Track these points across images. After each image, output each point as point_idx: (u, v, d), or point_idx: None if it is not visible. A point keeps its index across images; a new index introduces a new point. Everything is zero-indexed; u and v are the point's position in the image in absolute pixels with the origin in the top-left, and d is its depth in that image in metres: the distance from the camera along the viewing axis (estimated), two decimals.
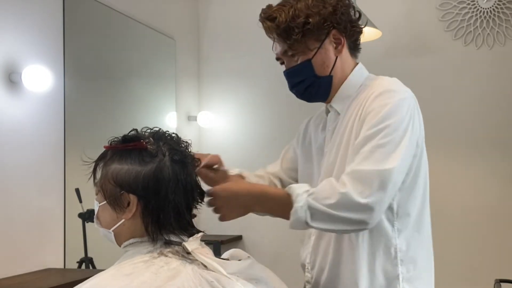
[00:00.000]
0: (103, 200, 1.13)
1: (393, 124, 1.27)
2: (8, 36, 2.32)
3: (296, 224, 1.24)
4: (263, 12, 1.41)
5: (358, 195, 1.20)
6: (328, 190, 1.23)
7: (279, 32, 1.37)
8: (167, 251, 1.09)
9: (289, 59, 1.41)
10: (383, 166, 1.23)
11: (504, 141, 3.30)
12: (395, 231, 1.33)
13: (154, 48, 3.49)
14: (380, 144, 1.25)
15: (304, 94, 1.44)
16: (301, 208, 1.22)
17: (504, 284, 2.69)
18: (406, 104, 1.31)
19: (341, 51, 1.40)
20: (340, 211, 1.21)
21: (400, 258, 1.33)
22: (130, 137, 1.14)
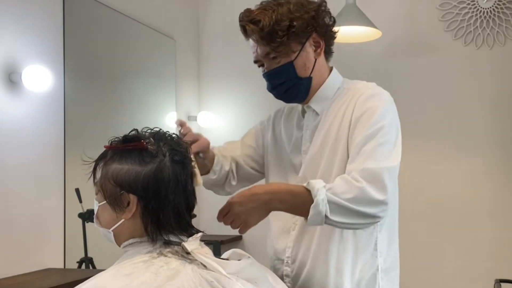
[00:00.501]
0: (103, 200, 1.13)
1: (388, 124, 1.37)
2: (8, 36, 2.32)
3: (315, 218, 1.27)
4: (244, 16, 1.44)
5: (375, 191, 1.27)
6: (345, 186, 1.28)
7: (263, 35, 1.40)
8: (166, 251, 1.09)
9: (270, 61, 1.45)
10: (389, 163, 1.32)
11: (504, 141, 3.30)
12: (378, 225, 1.41)
13: (154, 48, 3.49)
14: (381, 142, 1.34)
15: (284, 95, 1.49)
16: (322, 202, 1.25)
17: (504, 284, 2.69)
18: (393, 106, 1.44)
19: (320, 54, 1.47)
20: (358, 205, 1.27)
21: (379, 250, 1.42)
22: (130, 137, 1.14)
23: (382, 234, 1.43)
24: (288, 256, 1.47)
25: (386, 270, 1.43)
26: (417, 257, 3.32)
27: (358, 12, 2.98)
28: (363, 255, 1.41)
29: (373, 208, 1.28)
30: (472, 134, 3.36)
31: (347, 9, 2.99)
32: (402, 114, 1.50)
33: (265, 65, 1.47)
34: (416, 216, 3.36)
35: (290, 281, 1.46)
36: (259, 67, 1.51)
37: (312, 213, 1.26)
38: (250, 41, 1.46)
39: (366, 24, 2.96)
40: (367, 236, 1.41)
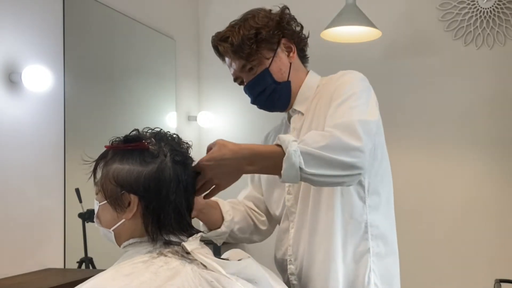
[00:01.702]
0: (103, 200, 1.13)
1: (359, 91, 1.37)
2: (8, 36, 2.32)
3: (289, 172, 1.21)
4: (214, 37, 1.52)
5: (348, 138, 1.24)
6: (317, 136, 1.26)
7: (234, 49, 1.46)
8: (166, 251, 1.09)
9: (247, 74, 1.50)
10: (363, 117, 1.30)
11: (504, 141, 3.30)
12: (366, 207, 1.41)
13: (154, 48, 3.49)
14: (353, 106, 1.33)
15: (266, 102, 1.53)
16: (295, 153, 1.21)
17: (504, 284, 2.69)
18: (364, 80, 1.43)
19: (293, 58, 1.51)
20: (333, 152, 1.22)
21: (370, 233, 1.41)
22: (132, 137, 1.14)
23: (374, 216, 1.42)
24: (290, 254, 1.48)
25: (379, 254, 1.42)
26: (417, 257, 3.32)
27: (358, 12, 2.98)
28: (353, 238, 1.40)
29: (348, 155, 1.23)
30: (472, 134, 3.36)
31: (347, 9, 2.99)
32: (401, 114, 1.51)
33: (244, 79, 1.53)
34: (416, 216, 3.36)
35: (296, 278, 1.47)
36: (240, 85, 1.57)
37: (285, 167, 1.21)
38: (227, 61, 1.53)
39: (366, 24, 2.96)
40: (357, 218, 1.40)
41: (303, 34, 1.55)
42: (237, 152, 1.26)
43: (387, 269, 1.44)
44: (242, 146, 1.27)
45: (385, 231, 1.44)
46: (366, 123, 1.29)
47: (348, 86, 1.39)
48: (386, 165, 1.48)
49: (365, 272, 1.39)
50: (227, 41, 1.48)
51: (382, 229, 1.43)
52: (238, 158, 1.25)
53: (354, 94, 1.36)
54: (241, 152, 1.26)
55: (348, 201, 1.40)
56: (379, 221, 1.43)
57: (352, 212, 1.40)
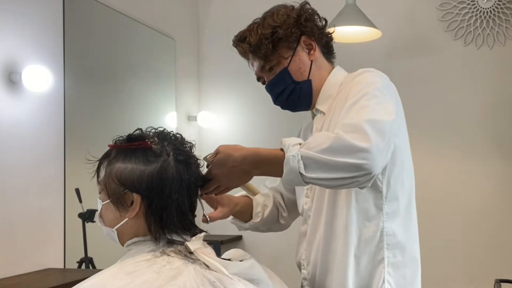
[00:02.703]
0: (106, 199, 1.13)
1: (373, 90, 1.28)
2: (8, 36, 2.32)
3: (290, 176, 1.19)
4: (234, 38, 1.52)
5: (354, 138, 1.16)
6: (321, 138, 1.20)
7: (252, 49, 1.45)
8: (169, 251, 1.09)
9: (268, 74, 1.47)
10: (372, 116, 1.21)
11: (504, 140, 3.30)
12: (383, 215, 1.34)
13: (154, 48, 3.49)
14: (364, 105, 1.25)
15: (287, 102, 1.49)
16: (294, 158, 1.18)
17: (504, 284, 2.69)
18: (381, 76, 1.35)
19: (314, 56, 1.46)
20: (335, 155, 1.16)
21: (386, 242, 1.34)
22: (135, 136, 1.14)
23: (391, 224, 1.34)
24: (303, 259, 1.46)
25: (395, 265, 1.35)
26: None
27: (358, 12, 2.98)
28: (368, 247, 1.34)
29: (353, 156, 1.15)
30: (472, 134, 3.36)
31: (347, 9, 2.99)
32: None
33: (265, 79, 1.50)
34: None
35: (308, 283, 1.44)
36: (263, 84, 1.53)
37: (285, 172, 1.19)
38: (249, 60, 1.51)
39: (366, 24, 2.96)
40: (373, 227, 1.34)
41: (326, 30, 1.49)
42: (245, 157, 1.27)
43: (405, 279, 1.37)
44: (249, 151, 1.27)
45: (403, 240, 1.36)
46: (376, 122, 1.20)
47: (362, 85, 1.32)
48: (408, 169, 1.40)
49: (379, 283, 1.34)
50: (245, 41, 1.47)
51: (399, 237, 1.35)
52: (246, 163, 1.26)
53: (367, 93, 1.28)
54: (248, 157, 1.27)
55: (363, 207, 1.34)
56: (397, 230, 1.35)
57: (367, 219, 1.34)
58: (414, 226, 1.42)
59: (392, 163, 1.32)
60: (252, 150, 1.28)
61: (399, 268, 1.36)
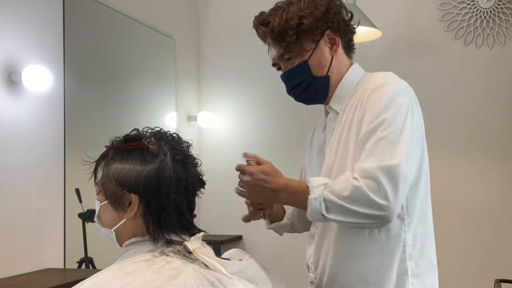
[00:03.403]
0: (104, 200, 1.13)
1: (390, 116, 1.27)
2: (8, 36, 2.32)
3: (313, 215, 1.26)
4: (256, 19, 1.43)
5: (372, 192, 1.20)
6: (344, 183, 1.24)
7: (274, 36, 1.38)
8: (168, 251, 1.09)
9: (286, 63, 1.42)
10: (388, 161, 1.22)
11: (504, 140, 3.30)
12: (405, 226, 1.32)
13: (154, 48, 3.49)
14: (381, 137, 1.25)
15: (302, 96, 1.45)
16: (316, 200, 1.24)
17: (504, 284, 2.69)
18: (400, 95, 1.31)
19: (336, 51, 1.42)
20: (354, 204, 1.21)
21: (408, 253, 1.32)
22: (132, 136, 1.14)
23: (409, 235, 1.33)
24: (311, 262, 1.44)
25: (418, 274, 1.32)
26: None
27: (358, 12, 2.98)
28: (390, 258, 1.31)
29: (370, 209, 1.21)
30: (472, 134, 3.36)
31: None
32: None
33: (282, 67, 1.44)
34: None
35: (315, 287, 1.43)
36: (278, 70, 1.48)
37: (309, 211, 1.26)
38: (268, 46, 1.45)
39: (366, 24, 2.96)
40: (394, 238, 1.32)
41: (352, 25, 1.45)
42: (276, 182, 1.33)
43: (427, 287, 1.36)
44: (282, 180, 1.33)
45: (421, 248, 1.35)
46: (392, 169, 1.21)
47: (380, 108, 1.28)
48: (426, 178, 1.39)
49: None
50: (267, 26, 1.39)
51: (418, 247, 1.34)
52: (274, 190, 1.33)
53: (385, 120, 1.26)
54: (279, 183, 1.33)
55: None
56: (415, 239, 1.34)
57: (388, 231, 1.31)
58: (430, 232, 1.41)
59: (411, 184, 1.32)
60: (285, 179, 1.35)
61: (420, 277, 1.34)
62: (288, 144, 3.62)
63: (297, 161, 1.78)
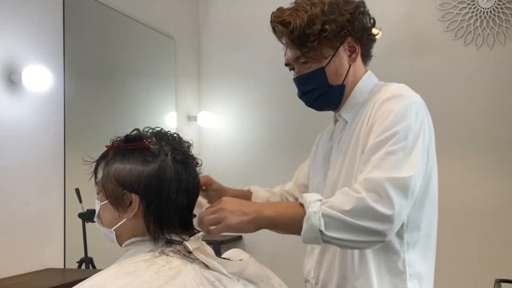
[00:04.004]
0: (104, 200, 1.13)
1: (402, 130, 1.20)
2: (8, 36, 2.32)
3: (309, 232, 1.14)
4: (275, 16, 1.34)
5: (377, 203, 1.13)
6: (343, 197, 1.16)
7: (293, 39, 1.31)
8: (168, 250, 1.09)
9: (301, 66, 1.35)
10: (397, 174, 1.15)
11: (504, 140, 3.30)
12: (404, 245, 1.27)
13: (154, 48, 3.49)
14: (390, 151, 1.18)
15: (314, 103, 1.39)
16: (315, 214, 1.13)
17: (504, 284, 2.69)
18: (414, 108, 1.25)
19: (355, 60, 1.36)
20: (357, 218, 1.12)
21: (408, 273, 1.27)
22: (132, 136, 1.14)
23: (412, 254, 1.27)
24: (312, 277, 1.39)
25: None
26: None
27: None
28: (388, 277, 1.27)
29: (375, 222, 1.12)
30: (471, 134, 3.36)
31: None
32: None
33: (296, 69, 1.37)
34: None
35: None
36: (290, 70, 1.41)
37: (305, 228, 1.14)
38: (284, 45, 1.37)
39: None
40: (393, 257, 1.26)
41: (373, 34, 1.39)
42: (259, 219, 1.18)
43: None
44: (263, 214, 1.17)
45: (422, 268, 1.29)
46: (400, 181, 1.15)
47: (392, 119, 1.21)
48: (433, 195, 1.32)
49: None
50: (287, 27, 1.30)
51: (418, 267, 1.29)
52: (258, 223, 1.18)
53: (396, 134, 1.19)
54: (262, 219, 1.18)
55: None
56: (416, 259, 1.28)
57: (387, 250, 1.26)
58: (432, 254, 1.35)
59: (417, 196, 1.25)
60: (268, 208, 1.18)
61: None
62: (288, 144, 3.62)
63: (297, 161, 1.78)
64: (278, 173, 2.93)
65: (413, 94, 1.30)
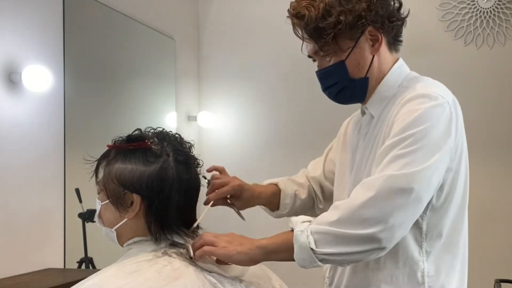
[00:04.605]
0: (105, 199, 1.13)
1: (419, 133, 1.10)
2: (8, 36, 2.32)
3: (301, 253, 1.06)
4: (292, 8, 1.27)
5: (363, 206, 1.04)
6: (331, 210, 1.09)
7: (308, 32, 1.23)
8: (171, 252, 1.09)
9: (321, 59, 1.28)
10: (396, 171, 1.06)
11: (504, 141, 3.30)
12: (423, 254, 1.18)
13: (154, 48, 3.49)
14: (400, 154, 1.09)
15: (337, 97, 1.30)
16: (302, 233, 1.06)
17: (504, 284, 2.69)
18: (438, 111, 1.15)
19: (378, 49, 1.27)
20: (345, 227, 1.04)
21: (428, 285, 1.18)
22: (134, 136, 1.14)
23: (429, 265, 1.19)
24: (327, 277, 1.34)
25: None
26: None
27: None
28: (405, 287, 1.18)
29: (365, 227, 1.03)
30: (471, 134, 3.35)
31: None
32: None
33: (317, 62, 1.30)
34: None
35: None
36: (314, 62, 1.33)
37: (296, 250, 1.07)
38: None
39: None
40: (412, 267, 1.18)
41: (400, 17, 1.31)
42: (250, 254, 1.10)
43: None
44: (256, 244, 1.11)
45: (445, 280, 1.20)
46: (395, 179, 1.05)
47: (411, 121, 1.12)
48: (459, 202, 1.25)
49: None
50: (302, 19, 1.23)
51: (441, 279, 1.19)
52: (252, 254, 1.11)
53: (411, 136, 1.10)
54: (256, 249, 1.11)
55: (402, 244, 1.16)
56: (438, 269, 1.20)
57: (406, 258, 1.18)
58: (461, 266, 1.26)
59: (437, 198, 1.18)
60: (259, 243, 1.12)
61: None
62: (288, 144, 3.61)
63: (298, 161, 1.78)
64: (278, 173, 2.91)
65: (443, 94, 1.21)
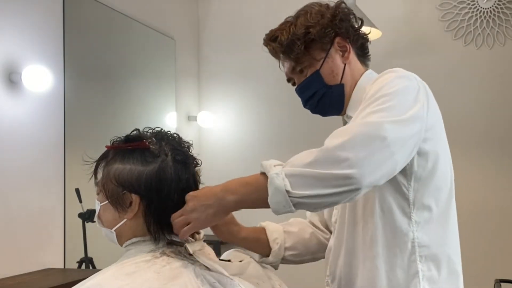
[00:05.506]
0: (104, 200, 1.13)
1: (391, 94, 1.15)
2: (8, 36, 2.32)
3: (275, 196, 1.06)
4: (266, 36, 1.41)
5: (337, 147, 1.06)
6: (305, 154, 1.10)
7: (283, 50, 1.36)
8: (169, 251, 1.09)
9: (299, 76, 1.39)
10: (373, 118, 1.10)
11: (503, 141, 3.30)
12: (413, 224, 1.23)
13: (154, 48, 3.49)
14: (374, 110, 1.12)
15: (317, 107, 1.39)
16: (278, 176, 1.06)
17: (504, 284, 2.69)
18: (406, 80, 1.23)
19: (348, 58, 1.37)
20: (320, 167, 1.05)
21: (419, 254, 1.23)
22: (132, 137, 1.14)
23: (421, 235, 1.23)
24: (328, 275, 1.37)
25: (431, 279, 1.23)
26: None
27: (358, 12, 2.98)
28: (398, 260, 1.23)
29: (339, 168, 1.04)
30: (471, 134, 3.36)
31: None
32: None
33: (296, 81, 1.41)
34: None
35: None
36: (293, 86, 1.43)
37: (270, 193, 1.06)
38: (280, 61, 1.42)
39: (366, 24, 2.94)
40: (402, 237, 1.23)
41: (361, 31, 1.41)
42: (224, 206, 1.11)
43: None
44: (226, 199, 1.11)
45: (439, 251, 1.24)
46: (368, 125, 1.09)
47: (381, 86, 1.19)
48: (445, 176, 1.30)
49: None
50: (276, 41, 1.37)
51: (434, 249, 1.24)
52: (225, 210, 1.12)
53: (384, 96, 1.15)
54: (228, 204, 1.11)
55: (390, 218, 1.23)
56: (430, 240, 1.24)
57: (395, 230, 1.23)
58: (453, 237, 1.30)
59: (421, 168, 1.23)
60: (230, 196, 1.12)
61: (436, 283, 1.24)
62: (288, 144, 3.62)
63: None
64: None
65: (408, 72, 1.29)
